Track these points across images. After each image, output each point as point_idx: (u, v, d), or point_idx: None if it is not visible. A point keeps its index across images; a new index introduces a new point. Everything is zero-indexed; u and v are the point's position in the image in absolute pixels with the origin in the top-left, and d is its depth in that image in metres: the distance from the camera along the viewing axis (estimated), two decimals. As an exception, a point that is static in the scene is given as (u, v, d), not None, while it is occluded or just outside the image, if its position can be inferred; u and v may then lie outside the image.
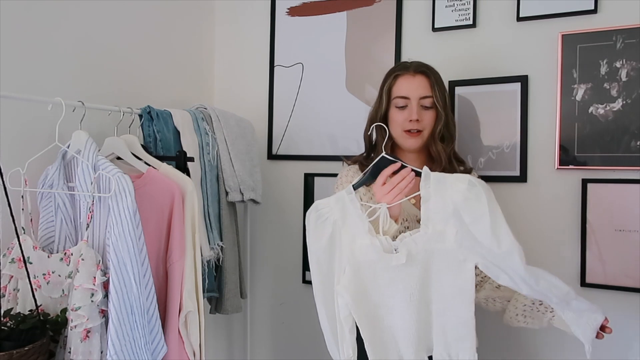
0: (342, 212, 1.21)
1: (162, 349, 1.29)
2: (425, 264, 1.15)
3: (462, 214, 1.11)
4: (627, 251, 1.55)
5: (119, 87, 1.73)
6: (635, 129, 1.54)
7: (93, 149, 1.29)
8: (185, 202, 1.40)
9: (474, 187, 1.11)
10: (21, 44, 1.42)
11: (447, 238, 1.13)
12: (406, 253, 1.14)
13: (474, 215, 1.10)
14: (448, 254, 1.13)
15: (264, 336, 2.16)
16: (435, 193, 1.15)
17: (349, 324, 1.19)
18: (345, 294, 1.17)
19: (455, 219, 1.12)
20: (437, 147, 1.41)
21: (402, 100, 1.42)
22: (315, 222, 1.23)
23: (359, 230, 1.18)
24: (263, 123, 2.12)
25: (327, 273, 1.22)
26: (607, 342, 1.59)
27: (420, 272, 1.15)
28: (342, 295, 1.18)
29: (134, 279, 1.20)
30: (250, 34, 2.16)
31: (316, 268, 1.23)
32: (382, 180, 1.23)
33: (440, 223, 1.14)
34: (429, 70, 1.44)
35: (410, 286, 1.16)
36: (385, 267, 1.16)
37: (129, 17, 1.78)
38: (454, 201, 1.12)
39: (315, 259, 1.23)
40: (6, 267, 1.30)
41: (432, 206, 1.15)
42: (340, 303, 1.19)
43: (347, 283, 1.17)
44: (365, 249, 1.17)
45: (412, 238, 1.16)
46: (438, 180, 1.15)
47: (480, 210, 1.10)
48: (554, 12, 1.63)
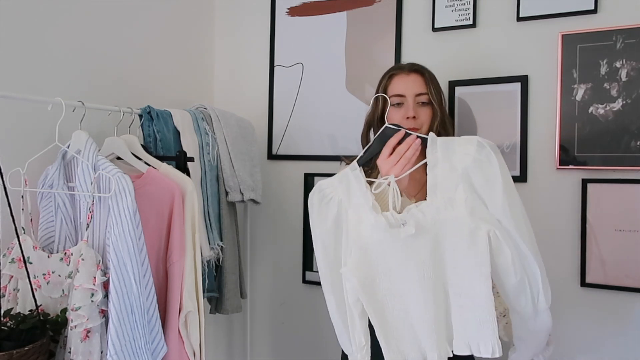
0: (347, 191, 1.12)
1: (162, 349, 1.29)
2: (435, 236, 1.06)
3: (472, 177, 1.04)
4: (627, 251, 1.55)
5: (119, 87, 1.73)
6: (635, 129, 1.54)
7: (93, 149, 1.29)
8: (185, 202, 1.41)
9: (484, 149, 1.04)
10: (21, 44, 1.42)
11: (456, 205, 1.04)
12: (415, 224, 1.05)
13: (486, 178, 1.03)
14: (459, 223, 1.04)
15: (264, 336, 2.16)
16: (443, 158, 1.06)
17: (358, 308, 1.10)
18: (352, 277, 1.08)
19: (464, 184, 1.04)
20: None
21: (398, 99, 1.42)
22: (319, 203, 1.15)
23: (363, 207, 1.10)
24: (263, 123, 2.12)
25: (334, 258, 1.14)
26: (607, 342, 1.59)
27: (431, 247, 1.06)
28: (349, 279, 1.08)
29: (134, 279, 1.20)
30: (250, 34, 2.16)
31: (322, 253, 1.15)
32: (388, 151, 1.15)
33: (448, 190, 1.05)
34: (423, 69, 1.45)
35: (422, 263, 1.06)
36: (393, 245, 1.07)
37: (129, 17, 1.78)
38: (463, 165, 1.04)
39: (320, 243, 1.15)
40: (6, 267, 1.30)
41: (440, 172, 1.06)
42: (348, 287, 1.10)
43: (354, 267, 1.08)
44: (370, 228, 1.08)
45: (419, 209, 1.07)
46: (445, 144, 1.07)
47: (491, 172, 1.03)
48: (554, 12, 1.63)
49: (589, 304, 1.61)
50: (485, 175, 1.04)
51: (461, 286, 1.06)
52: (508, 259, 1.03)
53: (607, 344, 1.60)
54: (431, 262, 1.06)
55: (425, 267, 1.06)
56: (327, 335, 1.98)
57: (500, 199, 1.03)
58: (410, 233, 1.05)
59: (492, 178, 1.04)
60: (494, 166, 1.04)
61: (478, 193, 1.05)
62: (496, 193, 1.03)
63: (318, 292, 2.00)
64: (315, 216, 1.16)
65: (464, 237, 1.04)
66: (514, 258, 1.03)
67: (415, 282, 1.07)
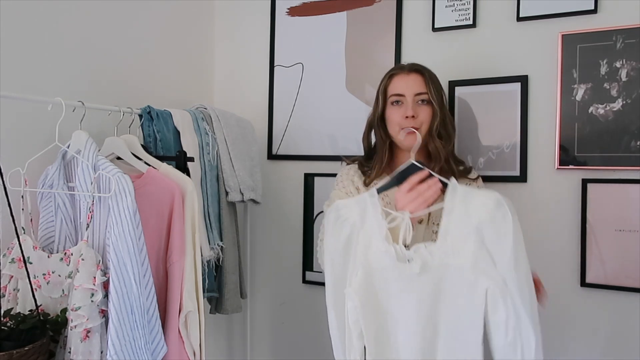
0: (361, 215, 1.17)
1: (162, 349, 1.29)
2: (438, 278, 1.11)
3: (485, 232, 1.08)
4: (627, 251, 1.55)
5: (119, 87, 1.73)
6: (635, 129, 1.54)
7: (93, 149, 1.29)
8: (185, 202, 1.41)
9: (502, 207, 1.07)
10: (21, 44, 1.42)
11: (463, 255, 1.09)
12: (420, 264, 1.10)
13: (498, 234, 1.07)
14: (461, 272, 1.09)
15: (264, 336, 2.16)
16: (460, 206, 1.10)
17: (357, 329, 1.15)
18: (355, 297, 1.13)
19: (475, 236, 1.08)
20: (435, 144, 1.40)
21: (398, 98, 1.42)
22: (334, 222, 1.19)
23: (375, 235, 1.14)
24: (263, 123, 2.12)
25: (340, 276, 1.18)
26: (607, 342, 1.59)
27: (432, 286, 1.11)
28: (352, 299, 1.14)
29: (134, 279, 1.20)
30: (250, 34, 2.16)
31: (330, 269, 1.20)
32: (408, 186, 1.18)
33: (459, 238, 1.09)
34: (423, 69, 1.45)
35: (420, 299, 1.12)
36: (398, 276, 1.12)
37: (129, 17, 1.78)
38: (479, 218, 1.08)
39: (329, 259, 1.20)
40: (6, 267, 1.30)
41: (455, 219, 1.10)
42: (350, 306, 1.15)
43: (357, 287, 1.14)
44: (379, 255, 1.14)
45: (428, 250, 1.11)
46: (465, 194, 1.11)
47: (504, 229, 1.06)
48: (554, 12, 1.63)
49: (589, 304, 1.61)
50: (497, 232, 1.07)
51: (453, 330, 1.11)
52: (502, 318, 1.06)
53: (607, 344, 1.60)
54: (429, 300, 1.11)
55: (422, 304, 1.12)
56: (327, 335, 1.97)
57: (507, 260, 1.06)
58: (414, 272, 1.10)
59: (503, 237, 1.07)
60: (507, 226, 1.06)
61: (487, 248, 1.08)
62: (505, 252, 1.07)
63: (318, 292, 2.01)
64: (329, 233, 1.20)
65: (463, 286, 1.09)
66: (508, 318, 1.06)
67: (410, 315, 1.12)
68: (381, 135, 1.47)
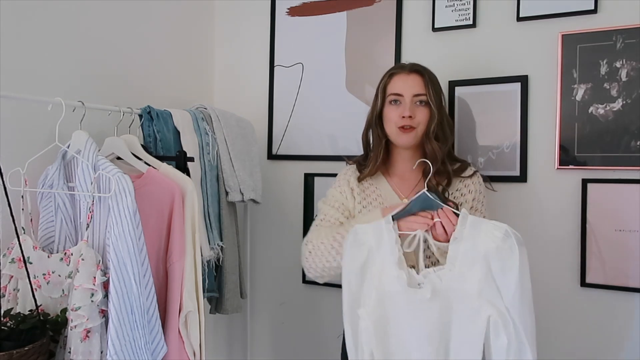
0: (377, 240, 1.22)
1: (162, 349, 1.29)
2: (447, 301, 1.15)
3: (491, 262, 1.12)
4: (627, 251, 1.55)
5: (119, 87, 1.73)
6: (635, 129, 1.54)
7: (93, 149, 1.29)
8: (185, 202, 1.40)
9: (509, 238, 1.12)
10: (21, 44, 1.42)
11: (468, 281, 1.14)
12: (431, 289, 1.15)
13: (503, 266, 1.11)
14: (466, 299, 1.13)
15: (264, 336, 2.16)
16: (468, 235, 1.15)
17: (369, 348, 1.19)
18: (368, 319, 1.18)
19: (481, 265, 1.13)
20: (432, 146, 1.40)
21: (396, 97, 1.42)
22: (351, 245, 1.24)
23: (388, 260, 1.20)
24: (263, 123, 2.12)
25: (356, 295, 1.23)
26: (606, 342, 1.59)
27: (441, 310, 1.16)
28: (364, 319, 1.19)
29: (134, 279, 1.20)
30: (250, 34, 2.16)
31: (347, 289, 1.24)
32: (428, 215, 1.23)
33: (466, 265, 1.14)
34: (423, 70, 1.45)
35: (430, 324, 1.16)
36: (409, 301, 1.17)
37: (129, 17, 1.79)
38: (486, 248, 1.13)
39: (347, 280, 1.24)
40: (6, 267, 1.30)
41: (463, 247, 1.15)
42: (362, 326, 1.19)
43: (371, 310, 1.19)
44: (391, 279, 1.18)
45: (437, 274, 1.16)
46: (474, 224, 1.16)
47: (511, 262, 1.11)
48: (554, 12, 1.63)
49: (589, 304, 1.61)
50: (503, 264, 1.12)
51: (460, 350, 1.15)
52: (504, 345, 1.10)
53: (607, 344, 1.60)
54: (439, 323, 1.16)
55: (432, 327, 1.16)
56: (327, 335, 1.98)
57: (512, 290, 1.11)
58: (426, 297, 1.15)
59: (509, 270, 1.11)
60: (514, 258, 1.11)
61: (494, 277, 1.13)
62: (510, 283, 1.11)
63: (318, 292, 2.01)
64: (347, 255, 1.25)
65: (467, 312, 1.14)
66: (510, 345, 1.10)
67: (422, 337, 1.17)
68: (378, 133, 1.47)
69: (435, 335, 1.16)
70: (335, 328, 1.56)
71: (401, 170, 1.49)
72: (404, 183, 1.48)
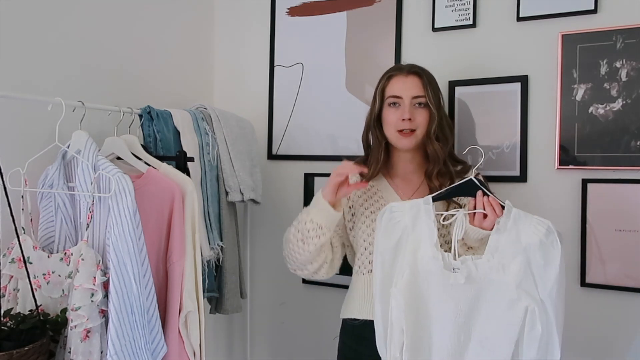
0: (413, 219, 1.23)
1: (162, 349, 1.29)
2: (479, 290, 1.17)
3: (532, 255, 1.15)
4: (627, 251, 1.55)
5: (119, 87, 1.73)
6: (635, 129, 1.54)
7: (93, 149, 1.29)
8: (185, 202, 1.40)
9: (552, 234, 1.15)
10: (21, 44, 1.42)
11: (508, 272, 1.15)
12: (466, 275, 1.16)
13: (545, 260, 1.14)
14: (504, 289, 1.15)
15: (264, 336, 2.16)
16: (512, 227, 1.18)
17: (399, 326, 1.20)
18: (400, 297, 1.19)
19: (523, 257, 1.15)
20: (433, 146, 1.40)
21: (395, 99, 1.42)
22: (387, 223, 1.25)
23: (426, 240, 1.21)
24: (263, 123, 2.12)
25: (389, 273, 1.24)
26: (607, 342, 1.59)
27: (472, 297, 1.18)
28: (397, 298, 1.20)
29: (134, 279, 1.20)
30: (250, 34, 2.16)
31: (380, 266, 1.25)
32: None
33: (506, 256, 1.16)
34: (422, 71, 1.44)
35: (459, 307, 1.18)
36: (442, 282, 1.18)
37: (129, 17, 1.78)
38: (529, 241, 1.15)
39: (380, 258, 1.25)
40: (6, 267, 1.30)
41: (505, 238, 1.17)
42: (394, 305, 1.21)
43: (403, 287, 1.20)
44: (427, 259, 1.20)
45: (474, 262, 1.18)
46: (518, 216, 1.18)
47: (552, 256, 1.14)
48: (554, 12, 1.63)
49: (589, 304, 1.61)
50: (545, 258, 1.14)
51: (486, 340, 1.18)
52: (537, 335, 1.13)
53: (607, 344, 1.60)
54: (467, 309, 1.18)
55: (460, 311, 1.18)
56: (327, 335, 1.97)
57: (551, 284, 1.14)
58: (459, 282, 1.17)
59: (550, 264, 1.14)
60: (556, 253, 1.14)
61: (532, 271, 1.15)
62: (549, 277, 1.14)
63: (318, 292, 2.01)
64: (381, 232, 1.26)
65: (504, 302, 1.16)
66: (542, 336, 1.13)
67: (447, 319, 1.19)
68: (377, 135, 1.47)
69: (461, 317, 1.18)
70: (335, 328, 1.56)
71: (403, 172, 1.49)
72: (406, 184, 1.48)
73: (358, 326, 1.43)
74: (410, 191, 1.46)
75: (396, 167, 1.50)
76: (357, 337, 1.44)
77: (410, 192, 1.45)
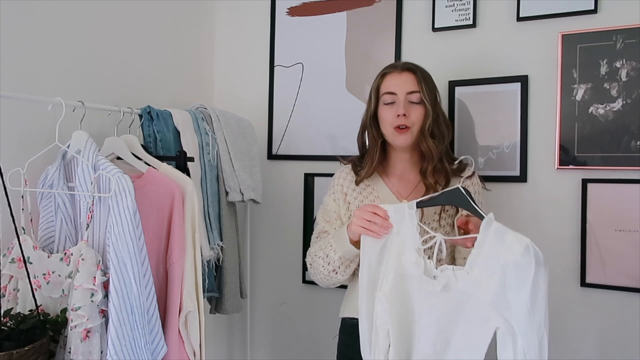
0: (397, 223, 1.23)
1: (162, 349, 1.29)
2: (457, 301, 1.15)
3: (508, 274, 1.10)
4: (627, 251, 1.55)
5: (119, 87, 1.73)
6: (635, 129, 1.54)
7: (93, 149, 1.29)
8: (185, 202, 1.41)
9: (528, 255, 1.07)
10: (21, 44, 1.42)
11: (484, 289, 1.12)
12: (443, 284, 1.15)
13: (518, 281, 1.09)
14: (479, 305, 1.13)
15: (264, 336, 2.16)
16: (492, 243, 1.13)
17: (384, 330, 1.20)
18: (385, 301, 1.19)
19: (499, 275, 1.11)
20: (427, 144, 1.39)
21: (390, 96, 1.42)
22: None
23: (409, 245, 1.21)
24: (263, 123, 2.12)
25: (374, 277, 1.24)
26: (607, 342, 1.59)
27: (451, 306, 1.16)
28: (382, 302, 1.20)
29: (134, 279, 1.20)
30: (250, 34, 2.16)
31: (366, 269, 1.25)
32: None
33: (484, 272, 1.12)
34: (416, 68, 1.44)
35: (438, 315, 1.17)
36: (422, 288, 1.18)
37: (129, 17, 1.78)
38: (504, 259, 1.10)
39: (367, 261, 1.25)
40: (6, 267, 1.30)
41: (484, 253, 1.13)
42: (379, 309, 1.20)
43: (388, 291, 1.20)
44: (409, 264, 1.20)
45: (454, 273, 1.15)
46: (498, 232, 1.12)
47: (525, 278, 1.07)
48: (554, 12, 1.63)
49: (589, 304, 1.61)
50: (518, 279, 1.09)
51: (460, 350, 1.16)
52: (510, 358, 1.10)
53: (607, 344, 1.60)
54: (445, 317, 1.17)
55: (439, 318, 1.18)
56: (326, 335, 1.98)
57: (521, 308, 1.08)
58: (435, 290, 1.16)
59: (523, 285, 1.08)
60: (528, 276, 1.07)
61: (507, 291, 1.10)
62: (520, 300, 1.08)
63: (318, 292, 2.01)
64: (368, 237, 1.25)
65: (478, 318, 1.13)
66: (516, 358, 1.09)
67: (428, 324, 1.19)
68: (373, 134, 1.46)
69: (440, 325, 1.17)
70: (335, 327, 1.56)
71: (400, 171, 1.48)
72: (403, 184, 1.47)
73: (357, 325, 1.43)
74: (407, 191, 1.45)
75: (393, 166, 1.49)
76: (357, 336, 1.44)
77: (407, 192, 1.45)
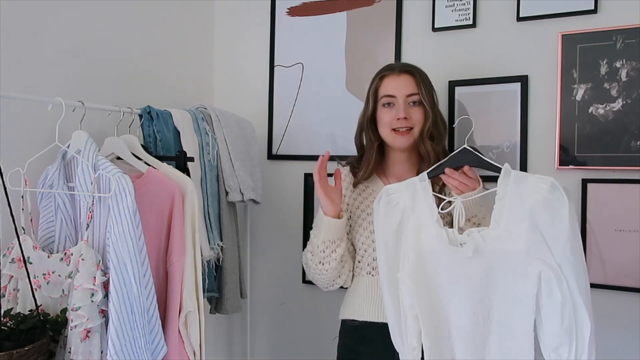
0: (412, 199, 1.19)
1: (162, 349, 1.29)
2: (490, 263, 1.10)
3: (539, 215, 1.07)
4: (627, 251, 1.55)
5: (119, 87, 1.73)
6: (635, 129, 1.54)
7: (93, 149, 1.29)
8: (185, 202, 1.41)
9: (557, 190, 1.06)
10: (21, 44, 1.42)
11: (516, 239, 1.08)
12: (473, 247, 1.10)
13: (553, 218, 1.05)
14: (514, 257, 1.08)
15: (264, 336, 2.16)
16: (513, 191, 1.10)
17: (413, 312, 1.15)
18: (408, 280, 1.15)
19: (529, 220, 1.07)
20: (425, 146, 1.40)
21: (389, 99, 1.42)
22: (385, 207, 1.21)
23: (427, 218, 1.16)
24: (263, 123, 2.12)
25: (394, 259, 1.20)
26: (607, 342, 1.59)
27: (484, 272, 1.11)
28: (405, 282, 1.15)
29: (134, 279, 1.20)
30: (250, 34, 2.16)
31: (383, 252, 1.22)
32: None
33: (512, 223, 1.09)
34: (414, 70, 1.44)
35: (471, 283, 1.12)
36: (449, 259, 1.13)
37: (129, 17, 1.78)
38: (533, 201, 1.07)
39: (383, 243, 1.22)
40: (6, 267, 1.30)
41: (508, 204, 1.09)
42: (403, 290, 1.16)
43: (409, 270, 1.15)
44: (431, 239, 1.15)
45: (480, 234, 1.11)
46: (518, 178, 1.10)
47: (560, 212, 1.05)
48: (554, 12, 1.63)
49: (589, 304, 1.61)
50: (553, 216, 1.06)
51: (504, 316, 1.11)
52: (558, 302, 1.05)
53: (607, 344, 1.60)
54: (480, 285, 1.12)
55: (473, 288, 1.12)
56: (327, 335, 1.97)
57: (563, 243, 1.05)
58: (467, 255, 1.11)
59: (559, 221, 1.06)
60: (563, 209, 1.05)
61: (542, 232, 1.07)
62: (560, 236, 1.05)
63: (318, 292, 2.01)
64: (381, 218, 1.22)
65: (516, 271, 1.08)
66: (564, 303, 1.05)
67: (462, 298, 1.13)
68: (370, 137, 1.47)
69: (476, 294, 1.12)
70: (335, 328, 1.56)
71: (398, 172, 1.48)
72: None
73: (357, 327, 1.43)
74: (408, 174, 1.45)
75: (391, 167, 1.49)
76: (357, 338, 1.44)
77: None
